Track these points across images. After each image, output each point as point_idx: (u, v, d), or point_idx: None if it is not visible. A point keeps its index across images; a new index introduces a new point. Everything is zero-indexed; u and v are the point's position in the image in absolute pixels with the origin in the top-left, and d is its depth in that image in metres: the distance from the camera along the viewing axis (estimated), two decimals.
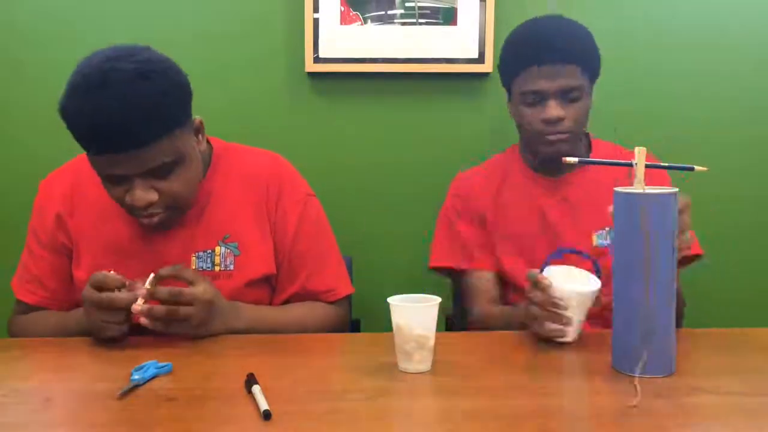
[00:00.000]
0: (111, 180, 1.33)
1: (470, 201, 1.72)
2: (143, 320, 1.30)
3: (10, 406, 1.07)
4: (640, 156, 1.21)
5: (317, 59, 1.99)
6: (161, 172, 1.33)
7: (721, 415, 1.06)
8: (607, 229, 1.63)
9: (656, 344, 1.16)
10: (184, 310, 1.32)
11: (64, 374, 1.22)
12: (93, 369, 1.23)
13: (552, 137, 1.60)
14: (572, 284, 1.32)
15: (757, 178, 2.07)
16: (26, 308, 1.53)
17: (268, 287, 1.53)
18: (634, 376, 1.13)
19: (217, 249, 1.47)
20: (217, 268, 1.46)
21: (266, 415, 1.00)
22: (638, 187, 1.19)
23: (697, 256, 1.60)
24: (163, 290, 1.31)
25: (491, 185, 1.72)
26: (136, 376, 1.14)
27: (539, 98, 1.60)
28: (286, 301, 1.53)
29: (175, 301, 1.31)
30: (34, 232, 1.53)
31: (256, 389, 1.08)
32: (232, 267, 1.47)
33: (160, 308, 1.31)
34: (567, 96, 1.59)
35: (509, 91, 1.68)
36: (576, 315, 1.30)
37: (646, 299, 1.15)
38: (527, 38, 1.62)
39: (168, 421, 1.03)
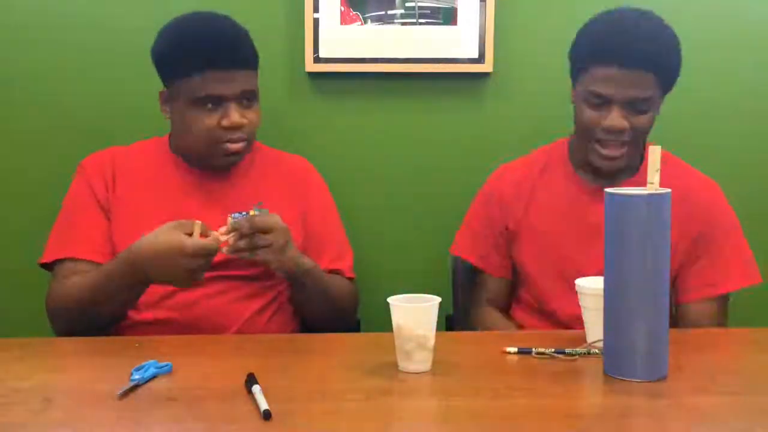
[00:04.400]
0: (207, 104, 1.53)
1: (499, 203, 1.68)
2: (226, 250, 1.41)
3: (10, 406, 1.07)
4: (653, 155, 1.16)
5: (317, 59, 1.99)
6: (248, 99, 1.57)
7: (721, 415, 1.06)
8: None
9: (647, 348, 1.15)
10: (264, 237, 1.42)
11: (64, 374, 1.22)
12: (93, 369, 1.23)
13: (605, 151, 1.52)
14: None
15: (757, 175, 2.07)
16: (66, 272, 1.54)
17: None
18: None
19: (252, 212, 1.58)
20: None
21: (266, 415, 1.00)
22: (651, 188, 1.15)
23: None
24: (244, 223, 1.41)
25: (525, 187, 1.66)
26: (136, 376, 1.14)
27: (604, 102, 1.50)
28: None
29: (255, 230, 1.42)
30: (74, 198, 1.62)
31: (256, 389, 1.08)
32: None
33: (243, 241, 1.41)
34: (634, 106, 1.49)
35: (574, 79, 1.59)
36: None
37: (636, 302, 1.14)
38: (605, 33, 1.51)
39: (168, 421, 1.03)
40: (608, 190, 1.16)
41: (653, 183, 1.15)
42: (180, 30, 1.57)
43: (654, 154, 1.16)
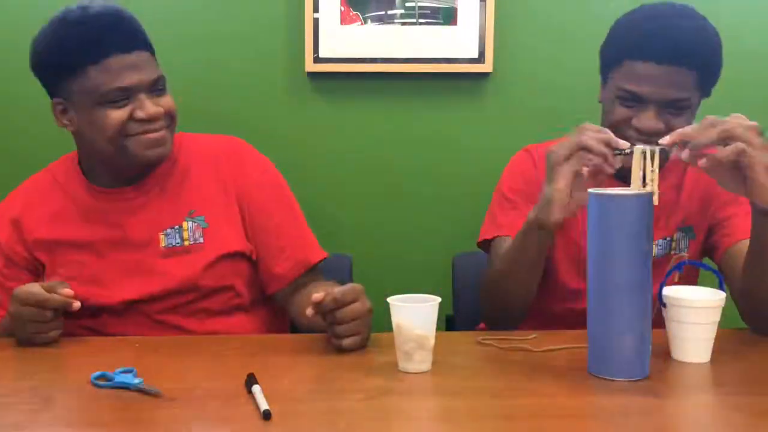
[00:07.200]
0: (117, 99, 1.37)
1: (522, 181, 1.53)
2: (309, 311, 1.25)
3: (10, 406, 1.07)
4: (636, 156, 1.18)
5: (317, 59, 1.99)
6: (159, 87, 1.42)
7: (720, 415, 1.06)
8: (667, 238, 1.51)
9: (629, 348, 1.14)
10: (350, 326, 1.26)
11: (64, 374, 1.22)
12: (93, 369, 1.23)
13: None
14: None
15: None
16: None
17: (247, 263, 1.52)
18: None
19: (185, 224, 1.47)
20: (186, 243, 1.47)
21: (266, 415, 1.00)
22: (634, 188, 1.16)
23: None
24: (328, 302, 1.25)
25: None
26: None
27: (638, 101, 1.39)
28: (281, 276, 1.51)
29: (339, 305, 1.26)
30: None
31: (256, 389, 1.08)
32: (201, 240, 1.47)
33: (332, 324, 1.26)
34: (672, 107, 1.38)
35: (605, 75, 1.47)
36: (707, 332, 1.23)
37: (619, 303, 1.13)
38: (643, 27, 1.39)
39: (168, 421, 1.03)
40: (591, 190, 1.15)
41: (636, 182, 1.16)
42: (62, 24, 1.38)
43: (636, 154, 1.17)
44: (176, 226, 1.47)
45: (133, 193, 1.48)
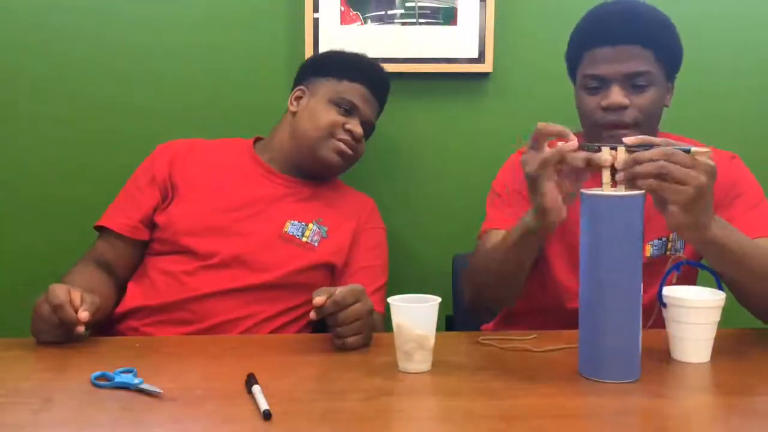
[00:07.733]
0: (341, 104, 1.68)
1: (512, 178, 1.57)
2: (312, 315, 1.29)
3: (10, 406, 1.07)
4: (603, 157, 1.16)
5: None
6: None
7: (720, 416, 1.06)
8: (662, 239, 1.52)
9: (617, 350, 1.14)
10: (351, 326, 1.30)
11: (64, 374, 1.22)
12: (93, 369, 1.23)
13: (612, 132, 1.43)
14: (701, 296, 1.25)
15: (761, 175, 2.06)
16: (99, 241, 1.63)
17: (330, 275, 1.65)
18: None
19: (310, 225, 1.64)
20: (304, 239, 1.63)
21: (266, 415, 1.00)
22: (605, 188, 1.15)
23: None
24: (329, 306, 1.29)
25: None
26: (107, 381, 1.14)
27: (602, 84, 1.46)
28: None
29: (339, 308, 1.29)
30: (136, 173, 1.68)
31: (256, 389, 1.08)
32: (316, 244, 1.63)
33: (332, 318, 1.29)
34: (633, 82, 1.44)
35: (574, 78, 1.56)
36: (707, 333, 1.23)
37: (608, 304, 1.13)
38: (594, 18, 1.50)
39: (168, 421, 1.03)
40: (583, 191, 1.15)
41: (607, 183, 1.15)
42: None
43: (603, 155, 1.15)
44: (303, 223, 1.64)
45: (290, 185, 1.68)
